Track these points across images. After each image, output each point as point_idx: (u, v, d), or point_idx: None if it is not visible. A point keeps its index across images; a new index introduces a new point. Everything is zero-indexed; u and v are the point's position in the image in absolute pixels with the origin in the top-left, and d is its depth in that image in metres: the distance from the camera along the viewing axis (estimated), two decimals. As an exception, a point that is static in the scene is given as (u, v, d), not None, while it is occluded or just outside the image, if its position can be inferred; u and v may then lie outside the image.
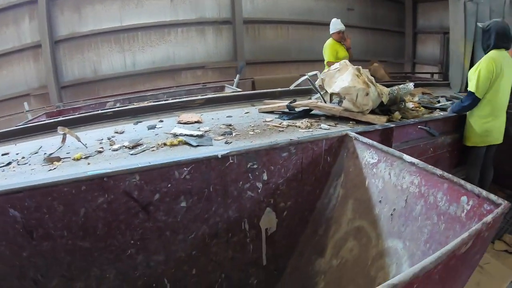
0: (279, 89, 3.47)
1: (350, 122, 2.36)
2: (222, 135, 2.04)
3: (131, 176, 1.27)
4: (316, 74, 2.70)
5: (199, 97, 3.26)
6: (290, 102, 2.61)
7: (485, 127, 2.52)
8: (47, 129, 2.44)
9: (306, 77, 2.72)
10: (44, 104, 5.17)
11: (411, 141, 2.32)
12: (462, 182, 1.15)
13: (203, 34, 6.58)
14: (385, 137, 2.09)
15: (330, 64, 4.28)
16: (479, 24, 2.70)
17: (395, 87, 2.64)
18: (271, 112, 2.65)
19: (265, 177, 1.53)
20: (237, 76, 5.45)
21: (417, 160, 1.34)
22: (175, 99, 3.38)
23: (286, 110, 2.57)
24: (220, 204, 1.46)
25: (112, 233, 1.35)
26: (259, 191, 1.54)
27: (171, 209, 1.37)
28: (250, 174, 1.48)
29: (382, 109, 2.50)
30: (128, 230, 1.36)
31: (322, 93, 2.65)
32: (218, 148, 1.75)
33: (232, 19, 6.66)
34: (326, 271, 1.58)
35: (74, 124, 2.48)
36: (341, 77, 2.46)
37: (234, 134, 2.06)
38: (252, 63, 7.00)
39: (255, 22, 6.98)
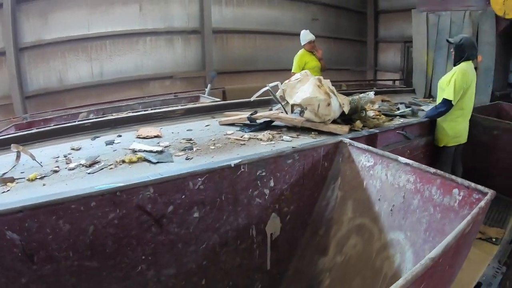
0: (240, 100, 3.45)
1: (312, 132, 2.40)
2: (182, 150, 2.00)
3: (145, 189, 1.27)
4: (277, 85, 2.70)
5: (179, 107, 3.26)
6: (251, 114, 2.60)
7: (456, 129, 2.84)
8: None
9: (267, 88, 2.70)
10: (7, 115, 4.83)
11: (391, 144, 2.53)
12: (453, 177, 1.32)
13: (171, 44, 6.55)
14: (370, 142, 2.26)
15: (293, 75, 4.53)
16: (450, 40, 3.01)
17: (356, 96, 2.71)
18: (232, 125, 2.62)
19: (271, 183, 1.61)
20: (209, 85, 5.50)
21: (411, 161, 1.49)
22: (155, 109, 3.35)
23: (247, 122, 2.55)
24: (231, 213, 1.51)
25: (122, 250, 1.33)
26: (266, 197, 1.61)
27: (184, 220, 1.39)
28: (259, 181, 1.55)
29: (344, 118, 2.56)
30: (140, 245, 1.35)
31: (283, 104, 2.65)
32: (179, 166, 1.71)
33: (200, 29, 6.72)
34: (331, 268, 1.68)
35: (29, 140, 2.31)
36: (303, 88, 2.48)
37: (194, 149, 2.03)
38: (221, 73, 7.10)
39: (223, 32, 7.09)
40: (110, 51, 5.90)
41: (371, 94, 2.78)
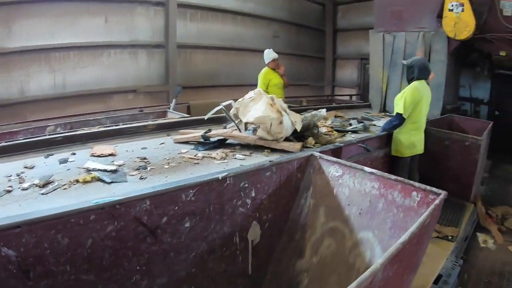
0: (194, 117, 3.52)
1: (265, 150, 2.47)
2: (136, 169, 2.02)
3: (142, 201, 1.37)
4: (230, 103, 2.78)
5: (133, 124, 3.23)
6: (205, 132, 2.64)
7: (411, 140, 3.24)
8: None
9: (220, 106, 2.77)
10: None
11: (353, 156, 2.82)
12: (412, 182, 1.59)
13: (135, 57, 6.55)
14: (336, 154, 2.52)
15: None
16: (404, 62, 3.45)
17: (309, 114, 2.86)
18: (187, 143, 2.65)
19: (253, 194, 1.77)
20: (174, 100, 5.55)
21: (375, 170, 1.74)
22: (126, 124, 3.36)
23: (202, 140, 2.59)
24: (218, 222, 1.64)
25: (119, 261, 1.40)
26: (248, 206, 1.77)
27: (176, 230, 1.50)
28: (242, 192, 1.71)
29: (296, 135, 2.66)
30: (135, 256, 1.43)
31: (236, 122, 2.71)
32: (133, 186, 1.74)
33: (165, 43, 6.79)
34: (308, 268, 1.87)
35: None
36: (255, 107, 2.55)
37: (149, 168, 2.05)
38: (184, 87, 7.18)
39: (187, 47, 7.21)
40: (74, 62, 5.77)
41: (323, 111, 2.95)
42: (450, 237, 3.01)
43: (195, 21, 7.28)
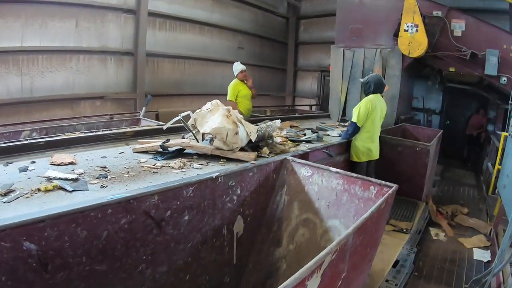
0: (154, 127, 3.62)
1: (221, 160, 2.57)
2: (97, 178, 2.06)
3: (151, 197, 1.64)
4: (189, 114, 2.88)
5: (93, 133, 3.23)
6: (164, 142, 2.72)
7: (366, 147, 3.74)
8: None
9: (179, 117, 2.87)
10: None
11: (318, 161, 3.21)
12: (369, 178, 2.01)
13: (104, 64, 6.65)
14: (304, 158, 2.90)
15: (230, 102, 5.15)
16: (361, 79, 3.97)
17: (263, 125, 3.01)
18: (146, 152, 2.71)
19: (238, 191, 2.11)
20: (143, 108, 5.71)
21: (339, 169, 2.16)
22: (105, 130, 3.48)
23: (160, 150, 2.67)
24: (210, 215, 1.96)
25: (128, 252, 1.64)
26: (234, 202, 2.10)
27: (177, 222, 1.79)
28: (230, 190, 2.04)
29: (252, 145, 2.80)
30: (142, 247, 1.69)
31: (194, 132, 2.81)
32: (94, 194, 1.80)
33: (134, 51, 6.96)
34: (286, 255, 2.23)
35: None
36: (212, 118, 2.65)
37: (109, 177, 2.09)
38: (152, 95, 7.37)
39: (155, 56, 7.43)
40: (43, 66, 5.78)
41: (277, 122, 3.18)
42: (405, 230, 3.55)
43: (164, 30, 7.54)
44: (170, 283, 1.86)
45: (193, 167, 2.38)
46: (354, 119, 3.70)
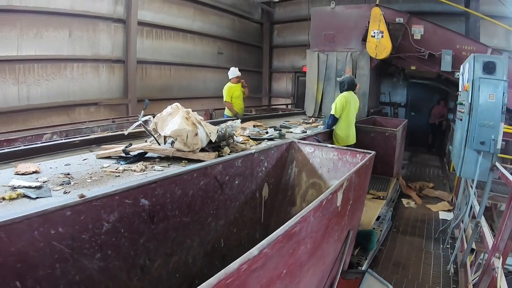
0: (117, 132, 3.85)
1: (183, 161, 2.75)
2: (60, 185, 2.15)
3: (218, 165, 2.52)
4: (149, 119, 3.09)
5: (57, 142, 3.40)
6: (126, 147, 2.85)
7: (344, 134, 4.83)
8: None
9: (139, 122, 3.05)
10: None
11: (310, 145, 4.27)
12: (355, 149, 3.05)
13: (97, 71, 7.36)
14: (304, 142, 3.92)
15: (226, 103, 6.11)
16: (338, 79, 5.06)
17: (223, 125, 3.24)
18: (109, 158, 2.86)
19: (265, 164, 3.05)
20: (142, 112, 6.42)
21: (333, 145, 3.18)
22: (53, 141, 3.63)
23: (123, 154, 2.81)
24: (249, 181, 2.88)
25: (203, 207, 2.42)
26: (263, 172, 3.04)
27: (232, 185, 2.69)
28: (261, 163, 2.98)
29: (213, 145, 3.03)
30: (211, 203, 2.50)
31: (156, 136, 2.97)
32: (58, 199, 1.85)
33: (124, 58, 7.72)
34: (300, 211, 3.19)
35: None
36: (173, 121, 2.81)
37: (72, 183, 2.20)
38: (140, 101, 8.08)
39: (144, 63, 8.24)
40: (38, 75, 6.32)
41: (237, 122, 3.47)
42: (381, 197, 4.67)
43: (151, 38, 8.38)
44: (225, 235, 2.68)
45: (154, 169, 2.54)
46: (332, 112, 4.79)
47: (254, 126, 4.88)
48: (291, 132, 4.86)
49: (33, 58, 6.20)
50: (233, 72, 6.12)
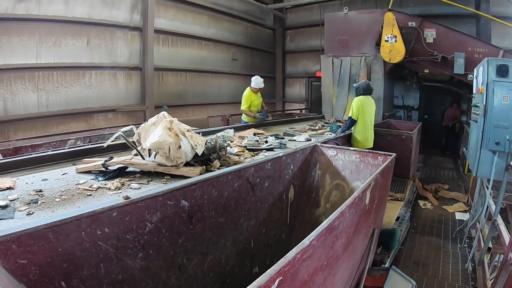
0: (101, 144, 3.55)
1: (165, 177, 2.56)
2: (27, 204, 2.07)
3: (250, 168, 2.70)
4: (132, 129, 2.91)
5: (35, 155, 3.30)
6: (106, 161, 2.70)
7: (363, 136, 5.00)
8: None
9: (119, 133, 2.85)
10: None
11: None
12: (376, 151, 3.22)
13: (115, 78, 7.60)
14: (325, 145, 4.11)
15: (244, 111, 6.15)
16: (354, 84, 5.23)
17: (214, 136, 3.04)
18: (89, 172, 2.68)
19: (292, 167, 3.24)
20: (161, 118, 6.68)
21: (355, 148, 3.35)
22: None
23: (103, 169, 2.64)
24: (277, 183, 3.06)
25: (236, 208, 2.59)
26: (289, 175, 3.23)
27: (262, 187, 2.87)
28: (288, 166, 3.17)
29: (202, 159, 2.83)
30: (244, 204, 2.67)
31: (139, 148, 2.76)
32: (19, 222, 1.80)
33: (141, 65, 7.96)
34: (324, 212, 3.38)
35: None
36: (155, 131, 2.62)
37: (39, 202, 2.10)
38: (156, 107, 8.25)
39: (160, 70, 8.50)
40: (57, 82, 6.54)
41: (230, 132, 3.36)
42: (399, 199, 4.82)
43: (166, 45, 8.65)
44: (255, 235, 2.84)
45: (130, 187, 2.36)
46: (350, 115, 4.97)
47: (254, 134, 4.67)
48: (294, 140, 4.65)
49: (52, 65, 6.41)
50: (258, 83, 6.06)
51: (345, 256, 2.03)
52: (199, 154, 2.75)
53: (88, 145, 3.96)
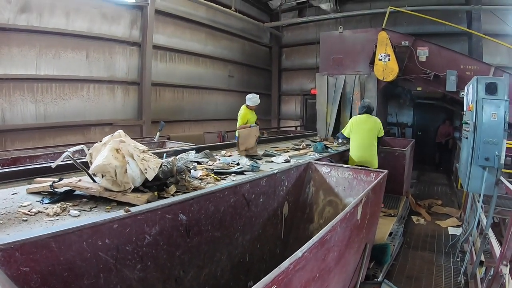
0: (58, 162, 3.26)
1: (112, 203, 2.36)
2: None
3: (246, 184, 2.81)
4: (83, 149, 2.80)
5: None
6: (54, 182, 2.55)
7: (355, 154, 5.08)
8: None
9: (66, 153, 2.74)
10: None
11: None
12: (369, 168, 3.36)
13: (113, 92, 7.71)
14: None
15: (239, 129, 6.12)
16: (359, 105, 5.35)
17: (171, 158, 2.85)
18: (39, 193, 2.56)
19: (286, 183, 3.36)
20: (158, 133, 6.81)
21: (348, 165, 3.48)
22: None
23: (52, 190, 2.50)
24: (272, 200, 3.17)
25: (232, 222, 2.69)
26: (284, 191, 3.34)
27: (257, 203, 2.97)
28: (282, 182, 3.29)
29: (158, 183, 2.64)
30: (240, 219, 2.77)
31: (89, 170, 2.57)
32: None
33: (139, 80, 8.10)
34: (318, 228, 3.47)
35: None
36: (101, 153, 2.44)
37: None
38: (153, 122, 8.35)
39: (158, 85, 8.64)
40: (56, 94, 6.64)
41: (191, 154, 3.17)
42: (392, 214, 4.93)
43: (164, 61, 8.83)
44: (250, 250, 2.93)
45: (69, 214, 2.18)
46: (343, 131, 5.18)
47: (229, 155, 4.61)
48: (272, 162, 4.39)
49: (51, 77, 6.52)
50: (255, 101, 6.06)
51: (337, 269, 2.13)
52: (149, 179, 2.53)
53: (47, 162, 3.80)
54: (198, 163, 4.00)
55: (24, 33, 6.05)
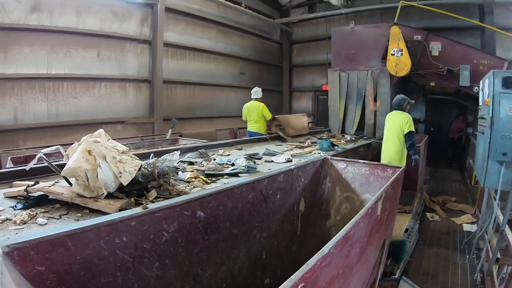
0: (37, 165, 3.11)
1: (84, 210, 2.21)
2: None
3: (263, 180, 2.79)
4: (58, 149, 2.67)
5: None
6: (28, 186, 2.42)
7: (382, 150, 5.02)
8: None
9: (39, 154, 2.61)
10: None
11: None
12: (385, 164, 3.31)
13: (124, 90, 7.75)
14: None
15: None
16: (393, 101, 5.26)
17: (152, 160, 2.63)
18: (16, 197, 2.45)
19: (302, 179, 3.33)
20: (170, 131, 6.86)
21: (364, 160, 3.44)
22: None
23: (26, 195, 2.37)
24: (289, 196, 3.15)
25: (250, 219, 2.68)
26: (300, 187, 3.32)
27: (274, 199, 2.96)
28: (299, 178, 3.26)
29: (138, 187, 2.45)
30: (257, 215, 2.75)
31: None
32: None
33: (150, 78, 8.13)
34: (335, 224, 3.45)
35: None
36: (73, 155, 2.28)
37: None
38: (165, 120, 8.42)
39: (169, 83, 8.67)
40: (67, 92, 6.69)
41: (175, 154, 2.96)
42: (408, 211, 4.87)
43: (175, 59, 8.85)
44: (267, 247, 2.89)
45: (36, 222, 2.04)
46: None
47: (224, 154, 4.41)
48: (272, 161, 4.20)
49: (63, 76, 6.56)
50: (260, 91, 6.40)
51: (358, 265, 2.10)
52: (124, 184, 2.32)
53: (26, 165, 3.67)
54: (191, 163, 3.83)
55: (35, 33, 6.09)
